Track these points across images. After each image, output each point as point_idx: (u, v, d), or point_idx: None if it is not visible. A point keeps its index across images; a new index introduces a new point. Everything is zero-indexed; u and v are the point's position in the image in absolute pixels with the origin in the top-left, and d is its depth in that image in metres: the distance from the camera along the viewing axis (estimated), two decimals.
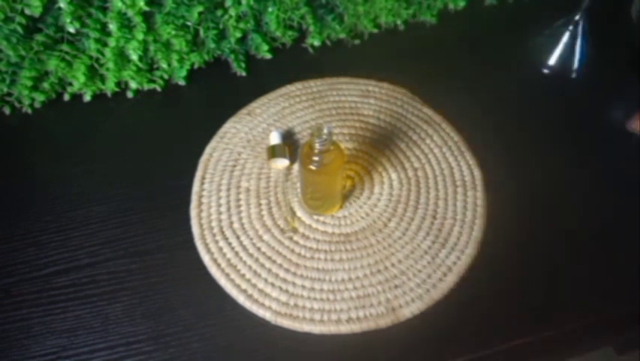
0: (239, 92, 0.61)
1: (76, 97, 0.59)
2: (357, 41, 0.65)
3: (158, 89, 0.60)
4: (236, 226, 0.50)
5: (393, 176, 0.53)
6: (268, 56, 0.63)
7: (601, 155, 0.55)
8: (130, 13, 0.54)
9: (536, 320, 0.45)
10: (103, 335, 0.44)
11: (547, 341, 0.44)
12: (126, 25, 0.55)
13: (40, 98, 0.58)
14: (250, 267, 0.47)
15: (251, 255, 0.48)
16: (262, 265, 0.47)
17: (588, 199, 0.52)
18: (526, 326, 0.44)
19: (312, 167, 0.43)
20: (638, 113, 0.55)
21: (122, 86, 0.60)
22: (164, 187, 0.53)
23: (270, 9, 0.60)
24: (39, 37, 0.54)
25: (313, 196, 0.49)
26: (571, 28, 0.60)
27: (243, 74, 0.62)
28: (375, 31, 0.66)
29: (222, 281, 0.46)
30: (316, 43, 0.64)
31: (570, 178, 0.53)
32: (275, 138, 0.54)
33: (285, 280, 0.46)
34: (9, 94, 0.57)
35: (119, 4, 0.53)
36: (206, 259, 0.47)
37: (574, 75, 0.62)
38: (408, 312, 0.44)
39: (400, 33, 0.67)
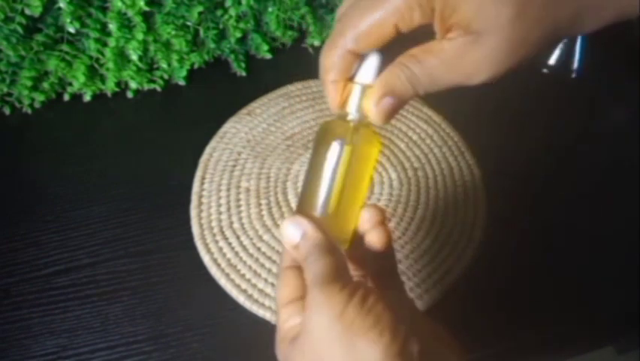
0: (239, 92, 0.60)
1: (76, 97, 0.59)
2: None
3: (158, 89, 0.60)
4: (236, 225, 0.50)
5: (393, 176, 0.53)
6: (268, 56, 0.63)
7: (601, 155, 0.55)
8: (130, 13, 0.54)
9: (536, 319, 0.45)
10: (103, 335, 0.44)
11: (547, 341, 0.44)
12: (126, 25, 0.55)
13: (40, 98, 0.58)
14: (250, 267, 0.47)
15: (251, 255, 0.48)
16: (262, 265, 0.47)
17: (588, 199, 0.52)
18: (527, 325, 0.44)
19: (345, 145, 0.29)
20: None
21: (122, 86, 0.60)
22: (164, 187, 0.53)
23: (270, 9, 0.60)
24: (39, 37, 0.54)
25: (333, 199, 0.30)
26: None
27: (243, 74, 0.62)
28: None
29: (222, 281, 0.46)
30: (316, 43, 0.64)
31: (571, 178, 0.53)
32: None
33: None
34: (9, 94, 0.57)
35: (119, 4, 0.53)
36: (206, 259, 0.47)
37: (574, 75, 0.62)
38: None
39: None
